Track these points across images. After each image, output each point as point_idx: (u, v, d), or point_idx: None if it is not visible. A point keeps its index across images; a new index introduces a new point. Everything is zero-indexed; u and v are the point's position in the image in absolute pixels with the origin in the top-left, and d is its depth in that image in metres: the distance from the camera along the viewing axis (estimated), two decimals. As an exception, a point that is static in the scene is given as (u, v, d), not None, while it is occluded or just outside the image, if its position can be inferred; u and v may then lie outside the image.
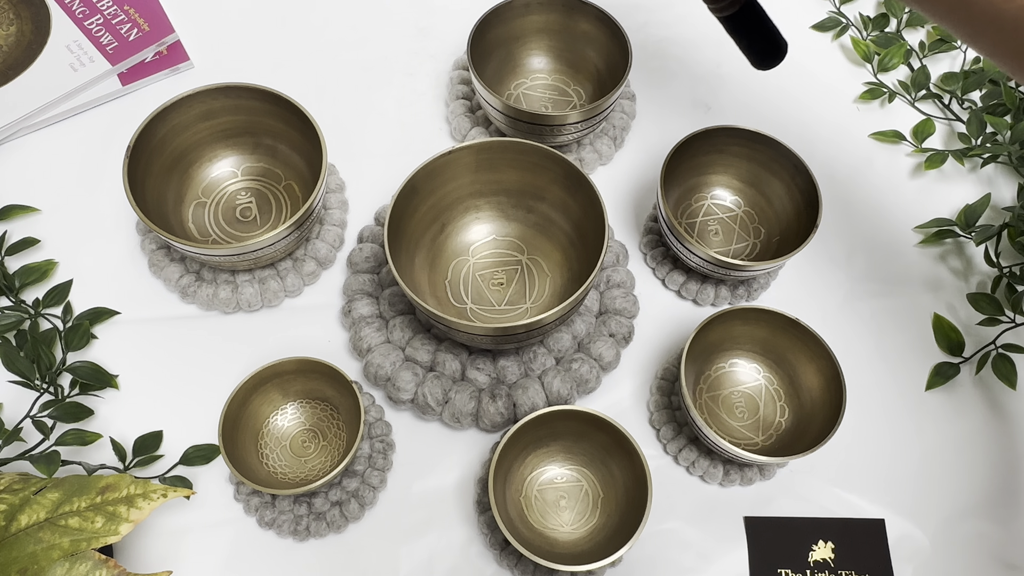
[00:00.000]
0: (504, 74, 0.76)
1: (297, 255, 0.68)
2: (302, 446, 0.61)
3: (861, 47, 0.81)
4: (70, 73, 0.75)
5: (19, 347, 0.62)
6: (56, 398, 0.62)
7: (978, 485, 0.64)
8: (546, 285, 0.67)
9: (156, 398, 0.64)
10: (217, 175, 0.70)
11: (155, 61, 0.78)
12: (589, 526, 0.59)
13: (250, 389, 0.59)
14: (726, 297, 0.69)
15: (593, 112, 0.67)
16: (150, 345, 0.66)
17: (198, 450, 0.61)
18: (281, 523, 0.59)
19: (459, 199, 0.66)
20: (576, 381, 0.63)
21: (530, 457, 0.61)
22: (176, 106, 0.65)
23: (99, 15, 0.78)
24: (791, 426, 0.63)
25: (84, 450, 0.61)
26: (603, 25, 0.72)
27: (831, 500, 0.63)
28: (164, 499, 0.49)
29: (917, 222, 0.74)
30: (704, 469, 0.62)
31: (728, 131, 0.68)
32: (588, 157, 0.74)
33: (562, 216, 0.66)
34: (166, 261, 0.67)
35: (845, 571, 0.60)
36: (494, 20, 0.72)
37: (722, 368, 0.65)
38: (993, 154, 0.74)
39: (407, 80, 0.80)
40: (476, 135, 0.74)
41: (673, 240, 0.66)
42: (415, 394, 0.62)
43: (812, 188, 0.65)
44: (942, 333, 0.69)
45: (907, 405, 0.66)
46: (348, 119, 0.77)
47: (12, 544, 0.47)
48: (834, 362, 0.60)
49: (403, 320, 0.64)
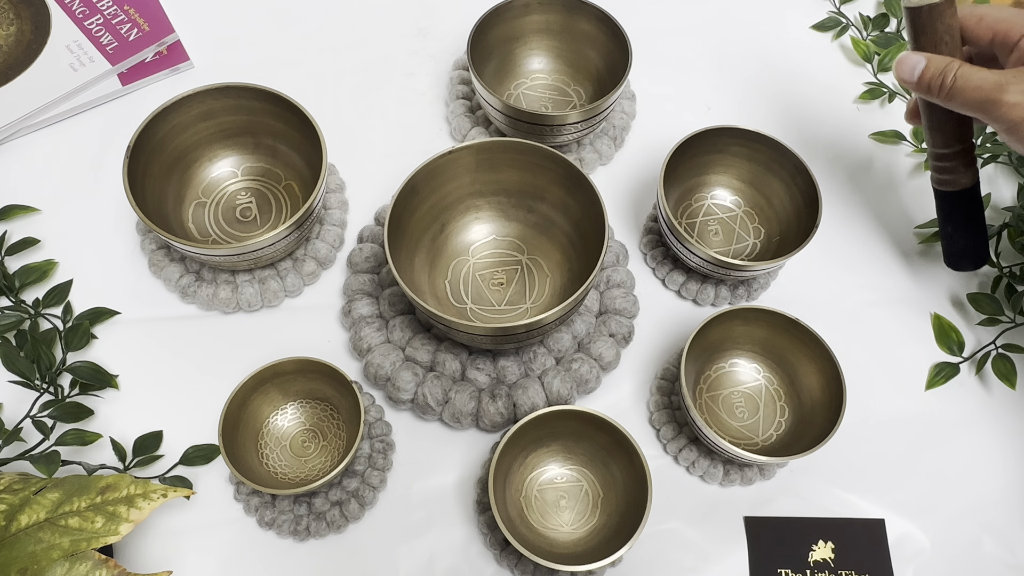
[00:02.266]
0: (504, 74, 0.76)
1: (297, 255, 0.68)
2: (302, 446, 0.61)
3: (861, 47, 0.81)
4: (70, 73, 0.75)
5: (19, 347, 0.62)
6: (56, 398, 0.62)
7: (978, 485, 0.64)
8: (546, 285, 0.67)
9: (156, 398, 0.64)
10: (217, 175, 0.70)
11: (155, 61, 0.78)
12: (589, 526, 0.59)
13: (250, 389, 0.59)
14: (726, 297, 0.69)
15: (593, 112, 0.67)
16: (150, 345, 0.66)
17: (198, 450, 0.61)
18: (281, 523, 0.59)
19: (459, 199, 0.66)
20: (576, 381, 0.63)
21: (530, 457, 0.61)
22: (176, 106, 0.65)
23: (99, 15, 0.78)
24: (791, 426, 0.63)
25: (84, 450, 0.61)
26: (603, 25, 0.72)
27: (831, 500, 0.63)
28: (164, 499, 0.49)
29: (917, 222, 0.74)
30: (704, 469, 0.62)
31: (728, 131, 0.68)
32: (588, 157, 0.74)
33: (562, 216, 0.66)
34: (166, 261, 0.67)
35: (845, 571, 0.60)
36: (494, 20, 0.72)
37: (722, 368, 0.65)
38: (993, 154, 0.74)
39: (407, 80, 0.80)
40: (476, 135, 0.74)
41: (673, 240, 0.66)
42: (415, 394, 0.62)
43: (812, 188, 0.65)
44: (942, 333, 0.69)
45: (907, 405, 0.66)
46: (348, 119, 0.77)
47: (12, 544, 0.47)
48: (834, 362, 0.60)
49: (403, 320, 0.64)
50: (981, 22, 0.55)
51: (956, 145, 0.58)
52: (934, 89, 0.54)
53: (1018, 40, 0.54)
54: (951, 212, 0.61)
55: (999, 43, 0.55)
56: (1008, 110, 0.51)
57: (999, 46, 0.55)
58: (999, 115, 0.51)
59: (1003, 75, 0.52)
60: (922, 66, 0.54)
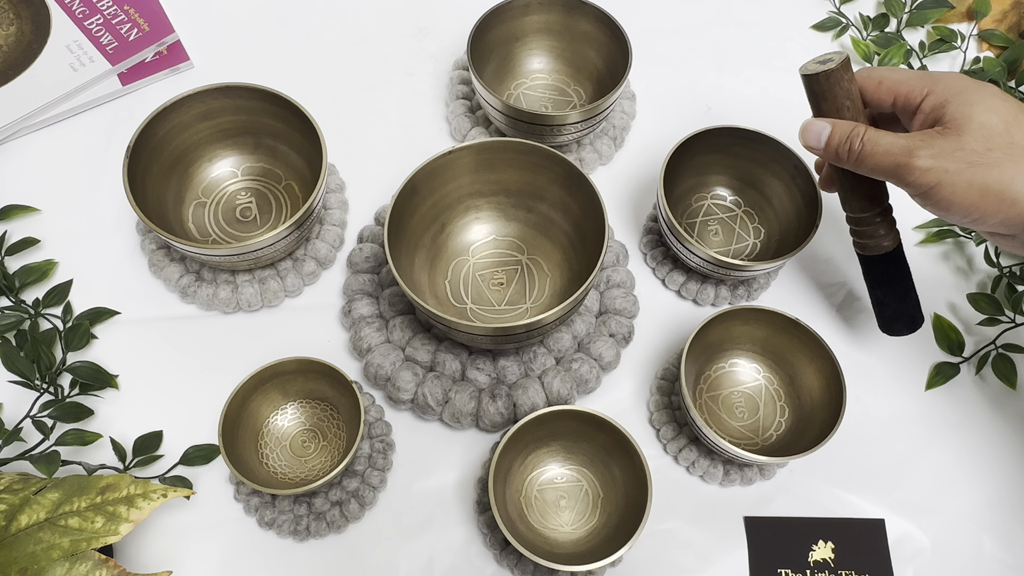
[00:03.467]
0: (504, 74, 0.76)
1: (297, 255, 0.68)
2: (302, 446, 0.61)
3: (861, 47, 0.81)
4: (70, 73, 0.75)
5: (19, 347, 0.62)
6: (56, 398, 0.62)
7: (978, 485, 0.64)
8: (546, 285, 0.67)
9: (156, 398, 0.64)
10: (217, 175, 0.70)
11: (155, 61, 0.78)
12: (589, 526, 0.59)
13: (250, 389, 0.59)
14: (726, 297, 0.69)
15: (593, 112, 0.67)
16: (150, 345, 0.66)
17: (198, 450, 0.61)
18: (281, 523, 0.59)
19: (459, 199, 0.66)
20: (576, 381, 0.63)
21: (530, 457, 0.61)
22: (176, 106, 0.65)
23: (99, 15, 0.78)
24: (791, 426, 0.63)
25: (84, 450, 0.61)
26: (603, 25, 0.72)
27: (831, 500, 0.63)
28: (164, 499, 0.49)
29: (917, 222, 0.74)
30: (704, 469, 0.62)
31: (728, 131, 0.68)
32: (588, 157, 0.74)
33: (562, 216, 0.66)
34: (166, 261, 0.67)
35: (845, 571, 0.60)
36: (494, 20, 0.72)
37: (722, 368, 0.65)
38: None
39: (407, 80, 0.80)
40: (476, 135, 0.74)
41: (673, 240, 0.66)
42: (415, 394, 0.62)
43: (812, 188, 0.65)
44: (942, 333, 0.69)
45: (907, 405, 0.66)
46: (348, 119, 0.77)
47: (12, 544, 0.47)
48: (834, 362, 0.60)
49: (403, 320, 0.64)
50: (881, 86, 0.53)
51: (873, 208, 0.57)
52: (842, 155, 0.53)
53: (919, 102, 0.52)
54: (878, 277, 0.60)
55: (901, 106, 0.53)
56: (920, 175, 0.49)
57: (901, 109, 0.53)
58: (911, 180, 0.50)
59: (910, 139, 0.50)
60: (828, 132, 0.53)
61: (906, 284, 0.60)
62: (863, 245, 0.59)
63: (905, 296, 0.60)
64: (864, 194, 0.57)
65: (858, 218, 0.58)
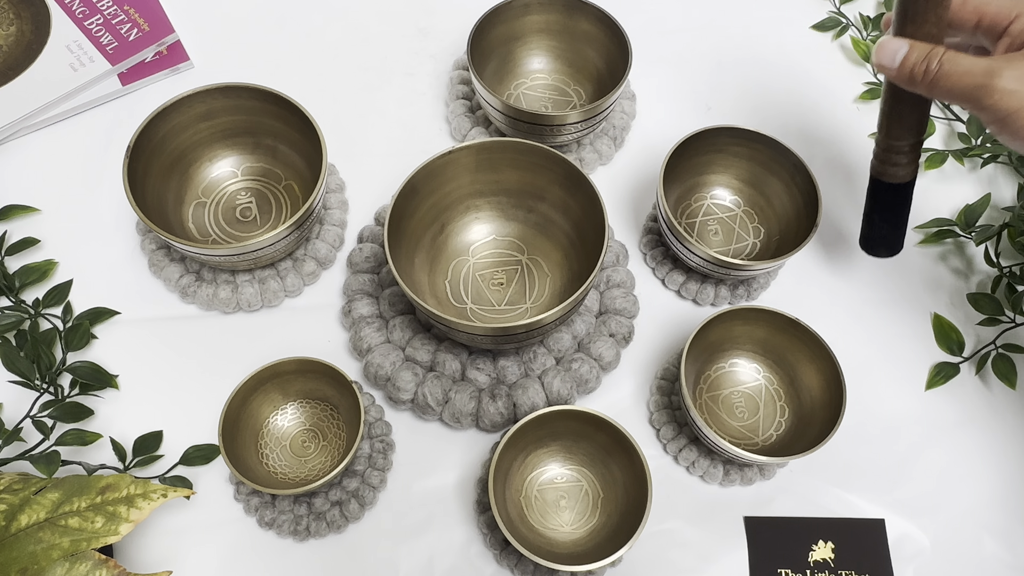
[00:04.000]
0: (504, 74, 0.76)
1: (297, 255, 0.68)
2: (302, 446, 0.61)
3: (861, 47, 0.81)
4: (70, 73, 0.75)
5: (19, 347, 0.62)
6: (56, 398, 0.62)
7: (979, 485, 0.64)
8: (546, 285, 0.67)
9: (156, 398, 0.64)
10: (217, 175, 0.70)
11: (155, 61, 0.78)
12: (589, 526, 0.59)
13: (250, 389, 0.59)
14: (726, 297, 0.69)
15: (593, 112, 0.67)
16: (150, 345, 0.66)
17: (198, 450, 0.61)
18: (281, 523, 0.59)
19: (459, 199, 0.66)
20: (576, 381, 0.63)
21: (530, 457, 0.61)
22: (176, 106, 0.65)
23: (99, 15, 0.78)
24: (791, 426, 0.63)
25: (84, 450, 0.61)
26: (603, 25, 0.72)
27: (831, 500, 0.63)
28: (164, 499, 0.49)
29: (917, 222, 0.73)
30: (704, 469, 0.62)
31: (728, 131, 0.68)
32: (588, 157, 0.74)
33: (562, 216, 0.66)
34: (166, 261, 0.67)
35: (845, 571, 0.60)
36: (494, 20, 0.72)
37: (722, 368, 0.65)
38: (993, 154, 0.73)
39: (407, 80, 0.80)
40: (476, 135, 0.74)
41: (673, 240, 0.66)
42: (415, 394, 0.62)
43: (812, 188, 0.65)
44: (942, 333, 0.68)
45: (907, 405, 0.66)
46: (348, 119, 0.77)
47: (12, 544, 0.47)
48: (834, 362, 0.60)
49: (403, 320, 0.64)
50: (965, 5, 0.51)
51: (911, 138, 0.55)
52: (917, 76, 0.49)
53: (1007, 25, 0.49)
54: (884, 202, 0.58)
55: (986, 28, 0.51)
56: (1000, 97, 0.46)
57: (986, 31, 0.51)
58: (989, 104, 0.47)
59: (994, 61, 0.47)
60: (904, 51, 0.49)
61: (903, 215, 0.59)
62: (881, 171, 0.58)
63: (898, 226, 0.59)
64: (911, 123, 0.54)
65: (894, 145, 0.56)
